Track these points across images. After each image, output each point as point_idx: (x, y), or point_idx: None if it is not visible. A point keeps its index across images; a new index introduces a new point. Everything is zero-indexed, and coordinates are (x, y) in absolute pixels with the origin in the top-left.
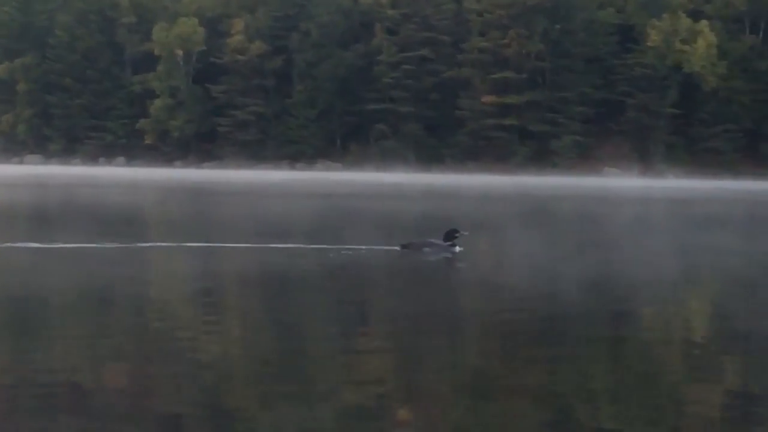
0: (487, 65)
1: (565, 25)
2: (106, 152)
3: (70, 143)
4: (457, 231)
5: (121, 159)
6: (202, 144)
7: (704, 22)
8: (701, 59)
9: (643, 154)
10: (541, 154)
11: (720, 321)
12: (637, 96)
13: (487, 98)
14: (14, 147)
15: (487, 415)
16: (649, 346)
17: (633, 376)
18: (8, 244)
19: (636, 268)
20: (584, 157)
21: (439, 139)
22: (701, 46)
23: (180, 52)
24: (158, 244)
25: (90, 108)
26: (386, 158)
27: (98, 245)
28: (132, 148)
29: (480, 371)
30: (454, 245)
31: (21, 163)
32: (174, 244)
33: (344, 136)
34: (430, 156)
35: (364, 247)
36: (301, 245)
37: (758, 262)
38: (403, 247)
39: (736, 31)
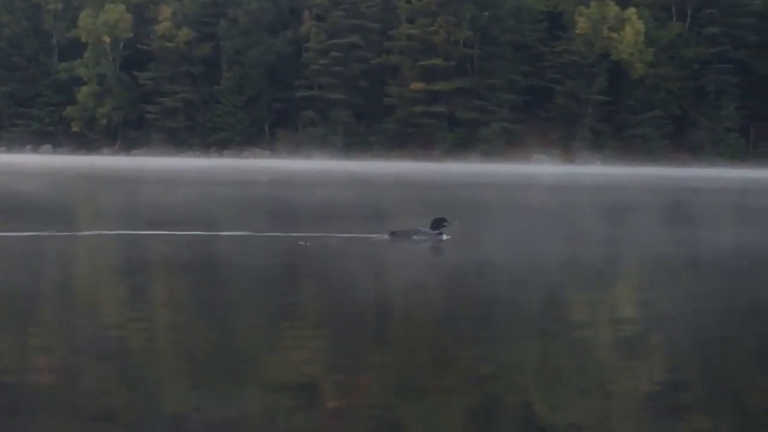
0: (415, 52)
1: (494, 12)
2: (33, 140)
3: None
4: (445, 220)
5: (47, 146)
6: (129, 131)
7: (632, 10)
8: (629, 46)
9: (571, 140)
10: (469, 141)
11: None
12: (565, 83)
13: (416, 85)
14: None
15: (416, 412)
16: (572, 331)
17: (560, 361)
18: None
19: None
20: (512, 144)
21: (367, 126)
22: (629, 34)
23: (107, 39)
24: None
25: (16, 95)
26: (314, 145)
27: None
28: (59, 136)
29: (405, 362)
30: (441, 234)
31: None
32: (69, 233)
33: (272, 123)
34: (358, 143)
35: (351, 235)
36: (252, 233)
37: (669, 249)
38: (392, 235)
39: (664, 18)
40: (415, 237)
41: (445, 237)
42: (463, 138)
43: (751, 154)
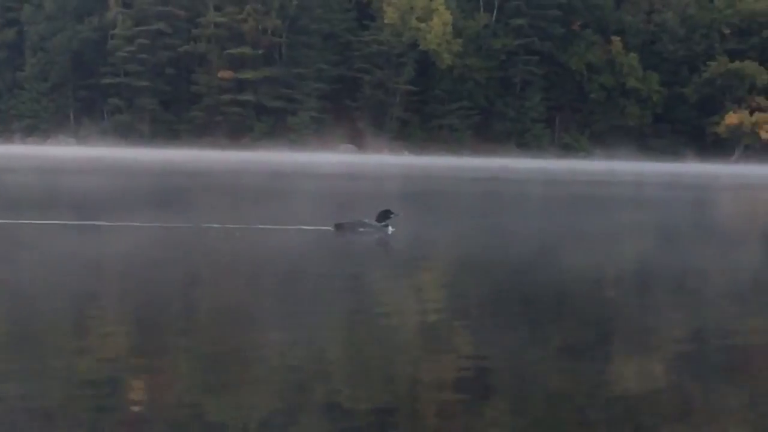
0: (223, 40)
1: (302, 1)
2: None
3: None
4: (390, 212)
5: None
6: None
7: (440, 0)
8: (437, 37)
9: (379, 130)
10: (277, 130)
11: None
12: (373, 73)
13: (224, 73)
14: None
15: (222, 405)
16: (379, 322)
17: (367, 351)
18: None
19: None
20: (321, 134)
21: (174, 114)
22: (437, 24)
23: None
24: None
25: None
26: (121, 133)
27: None
28: None
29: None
30: (387, 226)
31: None
32: None
33: (78, 110)
34: (165, 131)
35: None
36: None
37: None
38: (337, 227)
39: (471, 9)
40: (361, 229)
41: (391, 229)
42: (271, 127)
43: (556, 145)
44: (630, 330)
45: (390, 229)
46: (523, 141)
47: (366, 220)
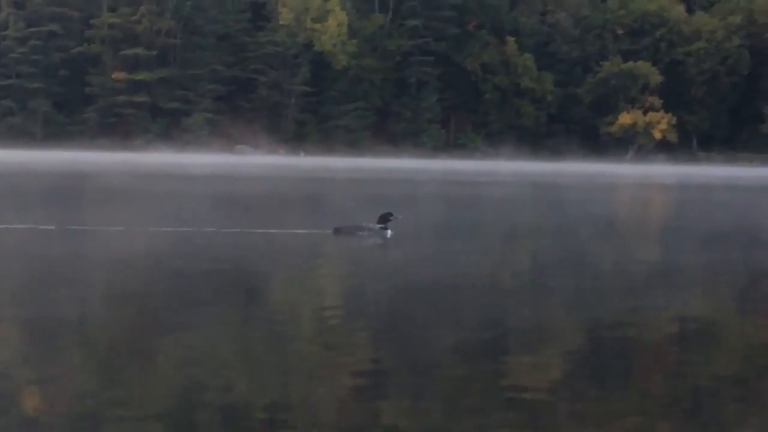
0: (117, 41)
1: (197, 2)
2: None
3: None
4: (391, 214)
5: None
6: None
7: (335, 1)
8: (332, 38)
9: (274, 131)
10: (172, 132)
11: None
12: (268, 73)
13: (118, 75)
14: None
15: (118, 398)
16: (276, 319)
17: (264, 346)
18: None
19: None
20: (216, 135)
21: (67, 115)
22: (332, 25)
23: None
24: None
25: None
26: (12, 136)
27: None
28: None
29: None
30: (386, 229)
31: None
32: None
33: None
34: (58, 133)
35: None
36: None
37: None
38: (336, 230)
39: (366, 10)
40: (360, 233)
41: (390, 232)
42: (165, 128)
43: (452, 145)
44: (525, 329)
45: (389, 232)
46: (419, 141)
47: (364, 224)
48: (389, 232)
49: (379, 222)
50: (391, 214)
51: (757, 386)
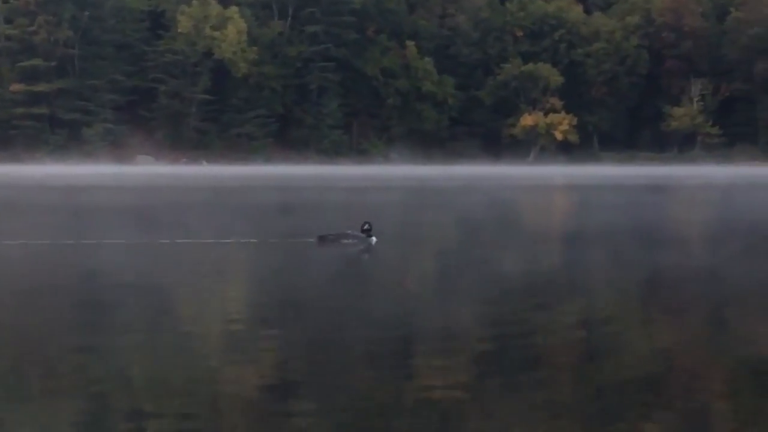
0: (14, 53)
1: (94, 12)
2: None
3: None
4: (368, 223)
5: None
6: None
7: (234, 9)
8: (232, 45)
9: (176, 141)
10: (72, 143)
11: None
12: (168, 82)
13: (16, 87)
14: None
15: (23, 417)
16: (180, 337)
17: (169, 362)
18: None
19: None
20: (117, 145)
21: None
22: (232, 32)
23: None
24: None
25: None
26: None
27: None
28: None
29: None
30: (371, 236)
31: None
32: None
33: None
34: None
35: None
36: None
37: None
38: (320, 239)
39: (266, 17)
40: (344, 241)
41: (374, 239)
42: (65, 139)
43: (354, 150)
44: (431, 331)
45: (373, 239)
46: (321, 147)
47: (349, 231)
48: (374, 239)
49: (363, 230)
50: (368, 223)
51: (661, 386)
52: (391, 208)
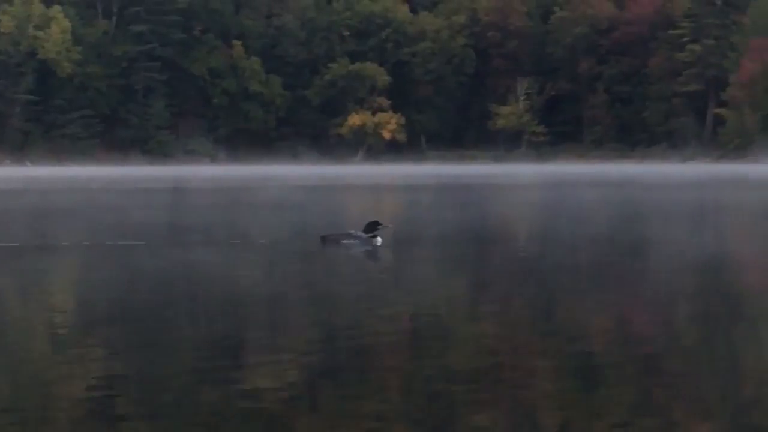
0: None
1: None
2: None
3: None
4: (379, 223)
5: None
6: None
7: (57, 8)
8: (56, 45)
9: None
10: None
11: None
12: None
13: None
14: None
15: None
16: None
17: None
18: None
19: None
20: None
21: None
22: (55, 32)
23: None
24: None
25: None
26: None
27: None
28: None
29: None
30: (375, 237)
31: None
32: None
33: None
34: None
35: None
36: None
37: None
38: (323, 239)
39: (90, 16)
40: (347, 242)
41: (379, 241)
42: None
43: (181, 151)
44: (262, 337)
45: (378, 240)
46: (147, 148)
47: (352, 232)
48: (379, 240)
49: (366, 230)
50: (379, 223)
51: (488, 383)
52: (157, 210)
